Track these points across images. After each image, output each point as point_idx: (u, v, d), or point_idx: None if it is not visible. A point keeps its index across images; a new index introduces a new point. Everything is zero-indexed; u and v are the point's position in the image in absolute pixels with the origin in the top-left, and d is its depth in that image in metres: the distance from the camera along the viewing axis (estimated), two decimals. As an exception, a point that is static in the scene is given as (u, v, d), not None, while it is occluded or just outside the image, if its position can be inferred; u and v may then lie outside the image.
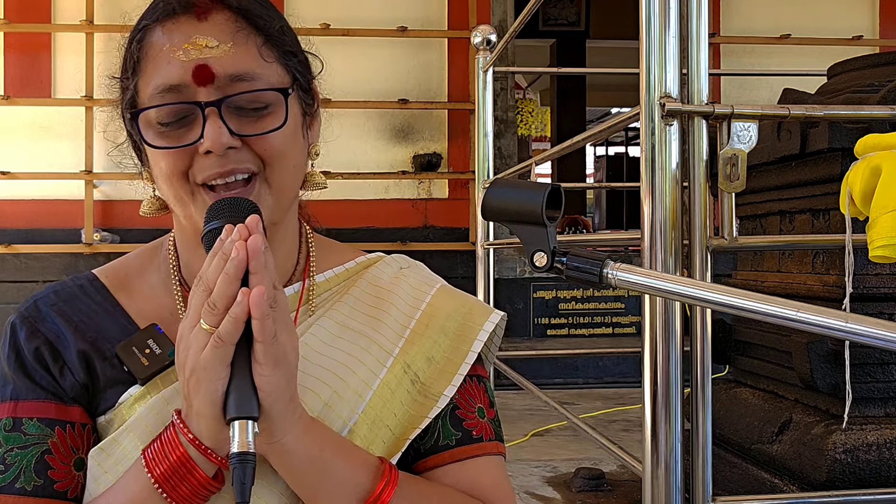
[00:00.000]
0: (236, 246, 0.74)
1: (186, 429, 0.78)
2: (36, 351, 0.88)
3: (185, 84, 0.83)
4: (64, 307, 0.92)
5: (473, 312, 0.97)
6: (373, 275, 0.99)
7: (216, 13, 0.86)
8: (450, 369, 0.93)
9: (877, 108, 1.74)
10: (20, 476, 0.83)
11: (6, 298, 5.71)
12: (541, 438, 3.82)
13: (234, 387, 0.74)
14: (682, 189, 1.48)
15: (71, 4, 5.77)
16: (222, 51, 0.84)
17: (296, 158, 0.90)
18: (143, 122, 0.86)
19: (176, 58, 0.84)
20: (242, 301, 0.73)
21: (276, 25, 0.89)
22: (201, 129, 0.83)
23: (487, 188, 0.88)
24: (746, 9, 6.50)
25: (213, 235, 0.79)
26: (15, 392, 0.87)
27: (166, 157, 0.85)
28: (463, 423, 0.92)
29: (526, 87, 13.77)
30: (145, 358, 0.88)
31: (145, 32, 0.88)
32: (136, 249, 1.01)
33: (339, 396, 0.88)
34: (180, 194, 0.86)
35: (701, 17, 1.48)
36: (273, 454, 0.80)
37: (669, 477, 1.46)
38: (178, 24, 0.85)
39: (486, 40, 3.18)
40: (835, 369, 2.07)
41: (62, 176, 5.69)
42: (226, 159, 0.84)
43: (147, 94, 0.86)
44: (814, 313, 0.75)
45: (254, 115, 0.85)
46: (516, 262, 5.94)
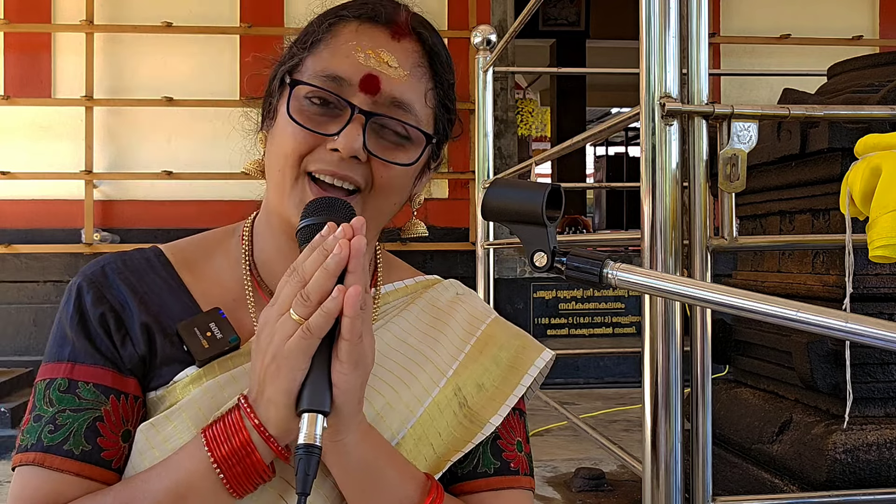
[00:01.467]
0: (340, 243, 0.75)
1: (253, 414, 0.78)
2: (101, 316, 0.88)
3: (351, 83, 0.86)
4: (131, 277, 0.92)
5: (527, 347, 0.99)
6: (432, 295, 1.01)
7: (409, 41, 0.90)
8: (498, 399, 0.94)
9: (877, 108, 1.74)
10: (69, 438, 0.83)
11: (6, 298, 5.71)
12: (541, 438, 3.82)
13: (311, 380, 0.75)
14: (682, 189, 1.48)
15: (71, 4, 5.77)
16: (398, 74, 0.87)
17: (399, 196, 0.92)
18: (295, 93, 0.87)
19: (355, 56, 0.86)
20: (338, 297, 0.74)
21: (450, 80, 0.94)
22: (341, 128, 0.85)
23: (487, 188, 0.88)
24: (746, 9, 6.50)
25: (309, 230, 0.81)
26: (74, 353, 0.87)
27: (295, 135, 0.86)
28: (503, 454, 0.94)
29: (526, 87, 13.77)
30: (206, 340, 0.88)
31: (339, 20, 0.90)
32: (206, 232, 1.01)
33: (391, 408, 0.89)
34: (285, 175, 0.87)
35: (701, 17, 1.48)
36: (332, 452, 0.80)
37: (669, 477, 1.46)
38: (373, 30, 0.88)
39: (486, 40, 3.18)
40: (835, 369, 2.07)
41: (62, 176, 5.69)
42: (346, 164, 0.86)
43: (314, 70, 0.88)
44: (814, 313, 0.75)
45: (390, 142, 0.88)
46: (516, 262, 5.94)
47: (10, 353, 5.69)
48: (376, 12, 0.89)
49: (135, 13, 5.80)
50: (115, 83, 5.84)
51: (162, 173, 5.75)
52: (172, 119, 5.86)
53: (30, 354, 5.61)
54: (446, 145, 0.99)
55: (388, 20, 0.89)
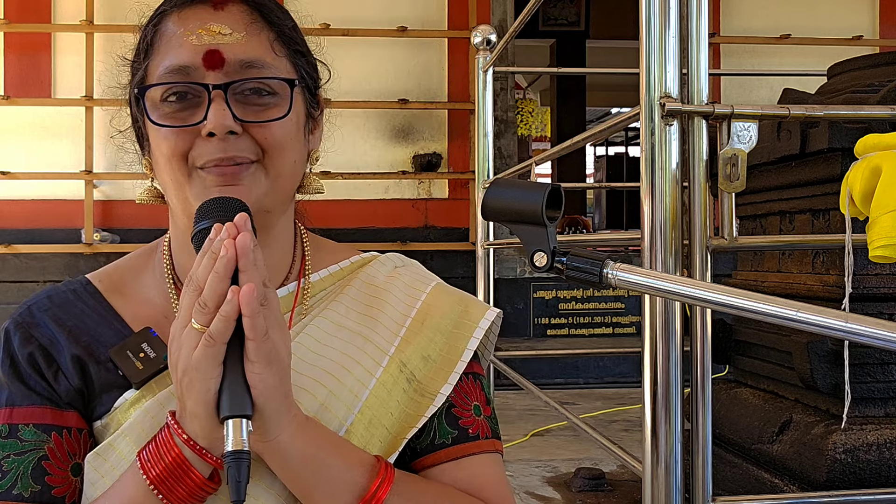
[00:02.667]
0: (225, 244, 0.74)
1: (181, 429, 0.77)
2: (30, 356, 0.88)
3: (195, 66, 0.85)
4: (58, 312, 0.92)
5: (469, 310, 0.97)
6: (368, 274, 0.99)
7: (232, 4, 0.88)
8: (446, 367, 0.93)
9: (877, 108, 1.74)
10: (17, 482, 0.83)
11: (6, 298, 5.71)
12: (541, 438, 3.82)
13: (226, 386, 0.74)
14: (682, 189, 1.48)
15: (71, 4, 5.77)
16: (235, 39, 0.86)
17: (295, 154, 0.90)
18: (149, 101, 0.87)
19: (188, 41, 0.85)
20: (233, 299, 0.72)
21: (289, 24, 0.92)
22: (205, 112, 0.84)
23: (487, 188, 0.88)
24: (746, 9, 6.50)
25: (202, 235, 0.79)
26: (10, 398, 0.87)
27: (168, 138, 0.85)
28: (459, 422, 0.92)
29: (526, 87, 13.76)
30: (140, 362, 0.87)
31: (161, 17, 0.90)
32: (132, 252, 1.01)
33: (335, 396, 0.88)
34: (178, 177, 0.86)
35: (701, 17, 1.48)
36: (268, 453, 0.79)
37: (669, 477, 1.46)
38: (194, 11, 0.87)
39: (486, 40, 3.18)
40: (835, 369, 2.07)
41: (62, 176, 5.69)
42: (227, 144, 0.84)
43: (156, 74, 0.87)
44: (814, 313, 0.75)
45: (259, 105, 0.86)
46: (516, 262, 5.94)
47: (10, 353, 5.68)
48: None
49: (135, 13, 5.80)
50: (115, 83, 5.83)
51: (162, 173, 5.75)
52: (172, 119, 5.85)
53: (30, 354, 5.60)
54: (320, 88, 0.96)
55: None
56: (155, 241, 1.00)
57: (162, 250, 0.97)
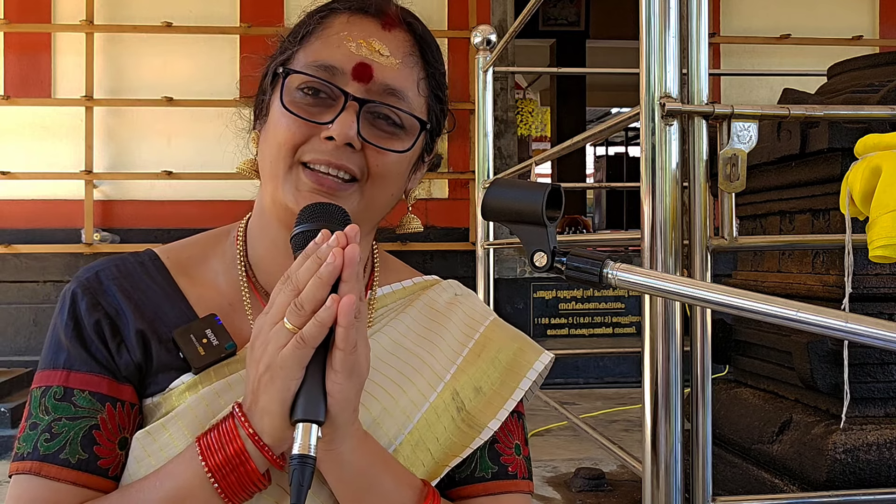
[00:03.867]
0: (334, 252, 0.74)
1: (248, 423, 0.77)
2: (96, 324, 0.88)
3: (343, 72, 0.86)
4: (125, 283, 0.91)
5: (525, 349, 0.98)
6: (430, 297, 1.00)
7: (399, 31, 0.90)
8: (496, 402, 0.93)
9: (877, 108, 1.74)
10: (66, 447, 0.83)
11: (6, 298, 5.71)
12: (541, 438, 3.82)
13: (305, 389, 0.74)
14: (682, 189, 1.48)
15: (71, 4, 5.77)
16: (390, 63, 0.87)
17: (395, 186, 0.92)
18: (287, 84, 0.87)
19: (347, 46, 0.87)
20: (332, 307, 0.72)
21: (440, 70, 0.95)
22: (334, 116, 0.85)
23: (487, 188, 0.88)
24: (746, 9, 6.50)
25: (303, 237, 0.80)
26: (69, 361, 0.86)
27: (289, 125, 0.86)
28: (500, 458, 0.93)
29: (526, 87, 13.77)
30: (202, 347, 0.87)
31: (330, 13, 0.90)
32: (202, 233, 1.00)
33: (388, 413, 0.88)
34: (279, 166, 0.86)
35: (701, 17, 1.48)
36: (327, 461, 0.80)
37: (669, 477, 1.46)
38: (363, 21, 0.89)
39: (486, 40, 3.18)
40: (835, 369, 2.07)
41: (62, 176, 5.69)
42: (340, 153, 0.85)
43: (306, 61, 0.88)
44: (814, 313, 0.75)
45: (384, 130, 0.88)
46: (516, 262, 5.94)
47: (9, 353, 5.69)
48: (366, 4, 0.90)
49: (135, 13, 5.80)
50: (115, 83, 5.84)
51: (162, 173, 5.75)
52: (172, 119, 5.86)
53: (29, 354, 5.61)
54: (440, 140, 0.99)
55: (378, 11, 0.90)
56: (226, 226, 1.00)
57: (236, 236, 0.97)
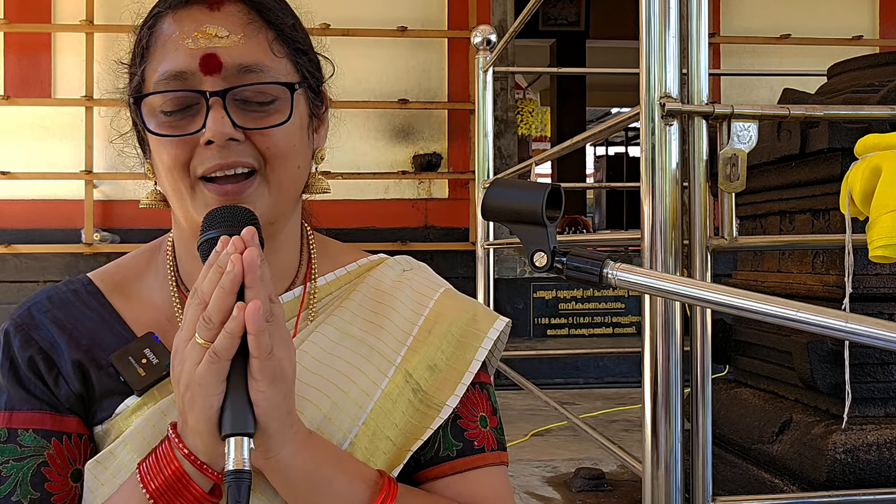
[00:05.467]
0: (232, 259, 0.72)
1: (182, 444, 0.76)
2: (30, 360, 0.86)
3: (192, 72, 0.82)
4: (58, 314, 0.89)
5: (477, 318, 0.94)
6: (375, 278, 0.97)
7: (229, 4, 0.84)
8: (453, 378, 0.90)
9: (877, 108, 1.74)
10: (16, 489, 0.82)
11: (6, 298, 5.71)
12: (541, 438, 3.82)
13: (229, 403, 0.72)
14: (682, 189, 1.48)
15: (71, 4, 5.77)
16: (232, 41, 0.82)
17: (298, 158, 0.88)
18: (147, 110, 0.84)
19: (184, 45, 0.82)
20: (238, 316, 0.71)
21: (289, 22, 0.88)
22: (204, 120, 0.81)
23: (487, 188, 0.88)
24: (746, 9, 6.50)
25: (209, 245, 0.78)
26: (10, 402, 0.85)
27: (168, 147, 0.83)
28: (465, 434, 0.90)
29: (526, 87, 13.76)
30: (142, 368, 0.86)
31: (156, 20, 0.86)
32: (134, 251, 0.98)
33: (339, 408, 0.86)
34: (180, 187, 0.84)
35: (701, 17, 1.48)
36: (269, 469, 0.78)
37: (669, 477, 1.46)
38: (189, 12, 0.84)
39: (486, 40, 3.18)
40: (835, 369, 2.07)
41: (62, 176, 5.69)
42: (227, 151, 0.82)
43: (153, 80, 0.84)
44: (814, 313, 0.75)
45: (259, 110, 0.84)
46: (516, 262, 5.94)
47: (10, 353, 5.68)
48: None
49: (130, 14, 5.80)
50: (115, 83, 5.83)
51: (162, 173, 5.75)
52: (172, 119, 5.86)
53: (30, 354, 5.61)
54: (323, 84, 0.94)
55: None
56: (157, 240, 0.98)
57: (165, 251, 0.95)
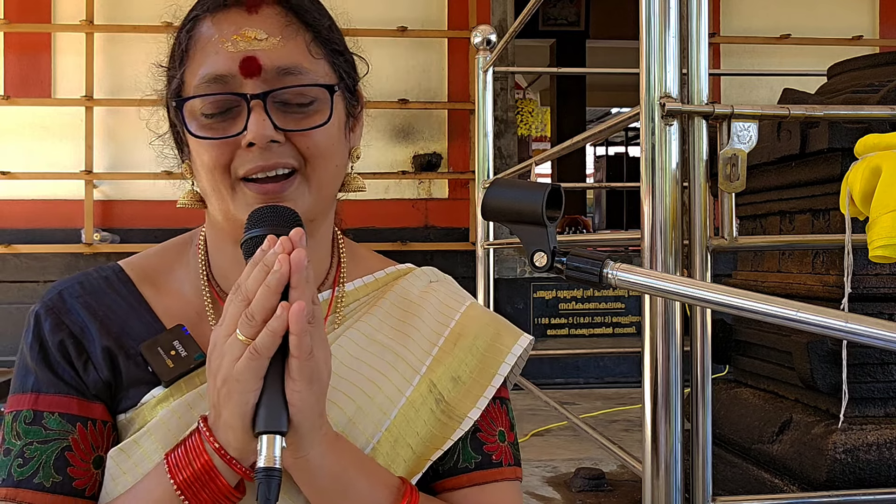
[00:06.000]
0: (279, 259, 0.73)
1: (213, 437, 0.77)
2: (60, 344, 0.87)
3: (232, 75, 0.83)
4: (89, 300, 0.90)
5: (502, 334, 0.96)
6: (402, 287, 0.98)
7: (266, 7, 0.86)
8: (475, 391, 0.92)
9: (877, 108, 1.74)
10: (39, 471, 0.82)
11: (6, 298, 5.71)
12: (541, 438, 3.82)
13: (265, 400, 0.73)
14: (682, 189, 1.48)
15: (71, 4, 5.77)
16: (271, 44, 0.84)
17: (337, 158, 0.89)
18: (188, 113, 0.85)
19: (224, 48, 0.83)
20: (282, 315, 0.71)
21: (325, 23, 0.90)
22: (245, 122, 0.82)
23: (487, 188, 0.88)
24: (746, 9, 6.50)
25: (253, 243, 0.78)
26: (37, 384, 0.86)
27: (209, 150, 0.84)
28: (483, 447, 0.92)
29: (526, 87, 13.76)
30: (170, 360, 0.86)
31: (195, 23, 0.87)
32: (164, 243, 0.99)
33: (363, 412, 0.87)
34: (220, 188, 0.85)
35: (701, 17, 1.48)
36: (297, 469, 0.79)
37: (669, 477, 1.46)
38: (228, 15, 0.85)
39: (486, 40, 3.18)
40: (835, 369, 2.07)
41: (62, 176, 5.69)
42: (269, 153, 0.83)
43: (193, 83, 0.85)
44: (814, 313, 0.75)
45: (299, 111, 0.85)
46: (516, 262, 5.94)
47: (9, 353, 5.68)
48: None
49: (135, 13, 5.80)
50: (115, 83, 5.83)
51: (162, 173, 5.75)
52: (172, 119, 5.86)
53: (30, 354, 5.61)
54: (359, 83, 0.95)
55: None
56: (188, 233, 0.99)
57: (197, 245, 0.96)
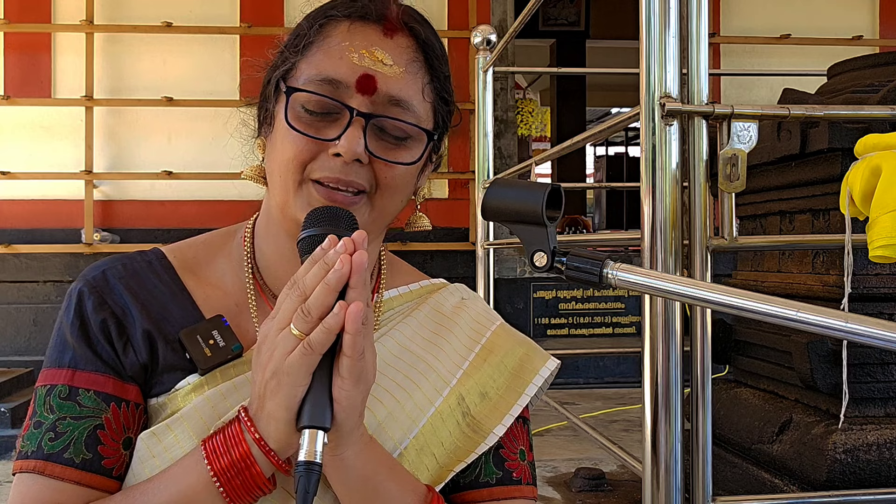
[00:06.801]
0: (342, 258, 0.74)
1: (254, 427, 0.77)
2: (102, 323, 0.87)
3: (347, 85, 0.84)
4: (132, 282, 0.91)
5: (531, 355, 0.98)
6: (437, 301, 1.00)
7: (402, 37, 0.88)
8: (502, 408, 0.93)
9: (877, 108, 1.74)
10: (70, 447, 0.83)
11: (6, 298, 5.71)
12: (541, 438, 3.82)
13: (311, 396, 0.74)
14: (682, 189, 1.48)
15: (71, 4, 5.77)
16: (394, 72, 0.85)
17: (405, 193, 0.91)
18: (291, 101, 0.86)
19: (349, 57, 0.85)
20: (340, 313, 0.72)
21: (445, 72, 0.92)
22: (341, 132, 0.84)
23: (487, 188, 0.88)
24: (746, 9, 6.50)
25: (311, 242, 0.79)
26: (74, 360, 0.86)
27: (296, 143, 0.85)
28: (505, 464, 0.93)
29: (526, 87, 13.77)
30: (209, 349, 0.87)
31: (329, 21, 0.88)
32: (209, 233, 0.99)
33: (393, 418, 0.88)
34: (288, 181, 0.86)
35: (701, 17, 1.48)
36: (332, 467, 0.80)
37: (669, 477, 1.46)
38: (364, 28, 0.87)
39: (486, 40, 3.18)
40: (835, 369, 2.07)
41: (62, 176, 5.69)
42: (349, 169, 0.84)
43: (308, 74, 0.86)
44: (814, 313, 0.75)
45: (392, 141, 0.87)
46: (516, 262, 5.94)
47: (10, 353, 5.69)
48: (366, 10, 0.88)
49: (135, 13, 5.80)
50: (115, 83, 5.84)
51: (162, 173, 5.75)
52: (172, 119, 5.86)
53: (30, 354, 5.61)
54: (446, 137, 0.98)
55: (379, 17, 0.87)
56: (234, 225, 1.00)
57: (244, 237, 0.96)
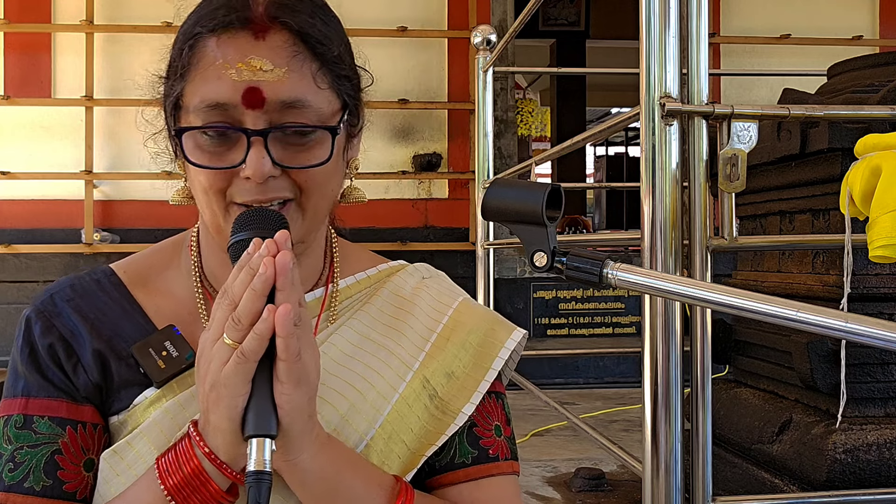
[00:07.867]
0: (265, 262, 0.72)
1: (203, 442, 0.76)
2: (50, 347, 0.87)
3: (234, 104, 0.81)
4: (80, 303, 0.90)
5: (495, 328, 0.96)
6: (395, 284, 0.98)
7: (275, 33, 0.82)
8: (469, 386, 0.92)
9: (877, 108, 1.74)
10: (29, 475, 0.83)
11: (6, 298, 5.71)
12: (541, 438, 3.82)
13: (253, 404, 0.73)
14: (682, 189, 1.48)
15: (71, 4, 5.76)
16: (276, 76, 0.81)
17: (333, 184, 0.89)
18: (186, 136, 0.84)
19: (227, 76, 0.81)
20: (268, 318, 0.71)
21: (335, 51, 0.86)
22: (244, 154, 0.81)
23: (487, 188, 0.88)
24: (746, 9, 6.50)
25: (240, 247, 0.78)
26: (27, 388, 0.86)
27: (206, 174, 0.83)
28: (480, 442, 0.92)
29: (526, 87, 13.76)
30: (162, 360, 0.86)
31: (198, 40, 0.84)
32: (156, 244, 0.99)
33: (356, 410, 0.87)
34: (214, 207, 0.85)
35: (701, 17, 1.48)
36: (288, 471, 0.78)
37: (669, 477, 1.46)
38: (234, 38, 0.82)
39: (486, 40, 3.18)
40: (835, 369, 2.07)
41: (62, 176, 5.69)
42: (265, 186, 0.82)
43: (193, 104, 0.83)
44: (814, 313, 0.75)
45: (298, 143, 0.83)
46: (516, 262, 5.94)
47: (9, 353, 5.68)
48: (229, 18, 0.82)
49: (135, 13, 5.80)
50: (115, 83, 5.83)
51: (162, 173, 5.74)
52: (172, 119, 5.86)
53: (30, 354, 5.61)
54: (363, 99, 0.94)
55: (244, 21, 0.82)
56: (180, 234, 0.99)
57: (189, 246, 0.96)
